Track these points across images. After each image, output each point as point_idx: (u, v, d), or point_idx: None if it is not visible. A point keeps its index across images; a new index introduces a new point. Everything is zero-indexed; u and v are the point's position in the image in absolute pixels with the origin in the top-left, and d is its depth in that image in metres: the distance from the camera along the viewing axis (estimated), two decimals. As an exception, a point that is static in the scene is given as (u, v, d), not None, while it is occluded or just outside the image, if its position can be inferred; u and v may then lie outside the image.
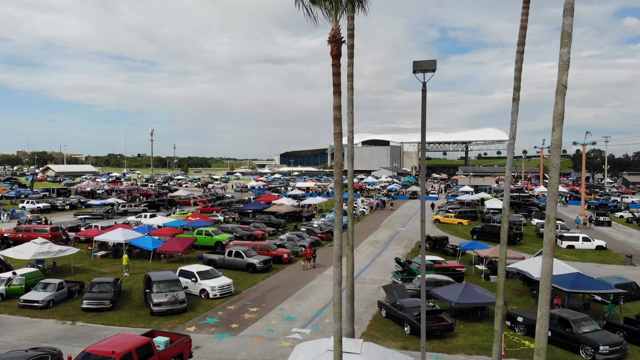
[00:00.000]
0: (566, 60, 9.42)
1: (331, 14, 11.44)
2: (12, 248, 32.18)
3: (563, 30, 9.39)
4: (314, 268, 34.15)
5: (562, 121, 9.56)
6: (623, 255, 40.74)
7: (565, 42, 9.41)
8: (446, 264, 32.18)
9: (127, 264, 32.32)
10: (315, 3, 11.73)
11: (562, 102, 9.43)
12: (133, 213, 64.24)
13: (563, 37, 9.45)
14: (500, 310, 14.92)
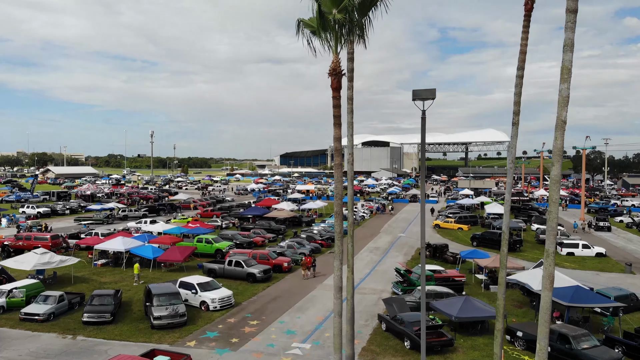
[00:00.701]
0: (566, 96, 9.44)
1: (331, 47, 11.48)
2: (13, 258, 32.20)
3: (563, 65, 9.42)
4: (314, 277, 34.20)
5: (561, 156, 9.60)
6: (623, 262, 40.80)
7: (564, 78, 9.43)
8: (446, 274, 32.21)
9: (138, 273, 32.74)
10: (316, 34, 11.77)
11: (562, 137, 9.47)
12: (133, 218, 64.35)
13: (563, 73, 9.47)
14: (500, 333, 14.96)
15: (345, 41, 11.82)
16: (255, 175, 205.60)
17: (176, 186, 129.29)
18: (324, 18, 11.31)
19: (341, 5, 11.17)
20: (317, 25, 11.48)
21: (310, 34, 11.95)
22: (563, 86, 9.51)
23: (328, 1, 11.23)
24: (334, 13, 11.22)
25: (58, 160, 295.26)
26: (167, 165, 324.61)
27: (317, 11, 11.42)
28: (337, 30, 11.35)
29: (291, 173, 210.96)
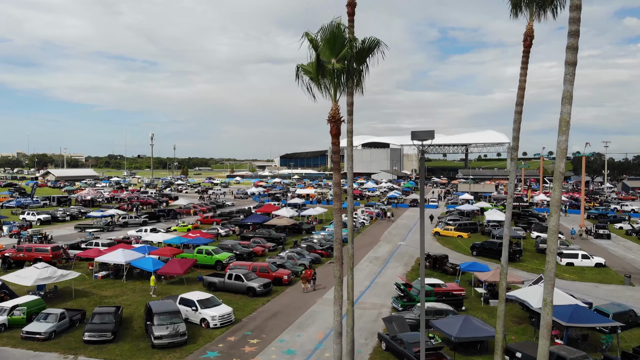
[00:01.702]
0: (564, 148, 9.53)
1: (330, 95, 11.56)
2: (14, 273, 32.24)
3: (561, 118, 9.49)
4: (314, 290, 34.28)
5: (559, 207, 9.67)
6: (622, 273, 40.89)
7: (563, 130, 9.50)
8: (446, 287, 32.28)
9: (155, 286, 33.17)
10: (314, 81, 11.84)
11: (559, 188, 9.55)
12: (133, 225, 64.45)
13: (561, 125, 9.55)
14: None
15: (345, 88, 11.88)
16: (256, 177, 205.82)
17: (176, 189, 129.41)
18: (322, 66, 11.40)
19: (340, 55, 11.26)
20: (316, 73, 11.56)
21: (309, 80, 12.03)
22: (561, 138, 9.59)
23: (327, 51, 11.32)
24: (332, 62, 11.30)
25: (58, 161, 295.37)
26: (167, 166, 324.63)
27: (315, 60, 11.50)
28: (335, 78, 11.43)
29: (291, 175, 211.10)
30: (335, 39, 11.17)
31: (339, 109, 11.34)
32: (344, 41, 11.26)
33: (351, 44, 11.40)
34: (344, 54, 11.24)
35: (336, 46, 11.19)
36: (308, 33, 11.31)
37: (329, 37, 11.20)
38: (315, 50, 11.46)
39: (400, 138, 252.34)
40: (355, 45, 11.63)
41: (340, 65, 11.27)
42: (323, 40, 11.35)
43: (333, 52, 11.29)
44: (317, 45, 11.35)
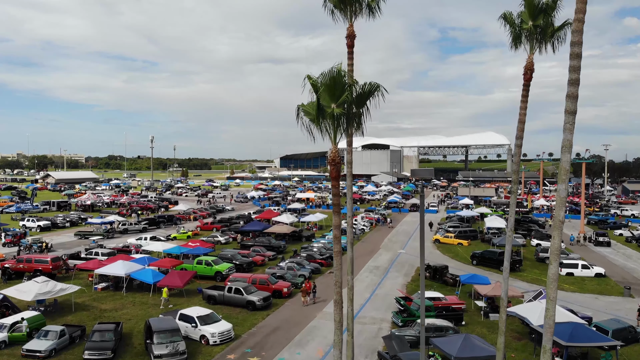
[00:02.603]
0: (563, 197, 9.54)
1: (330, 137, 11.59)
2: (14, 287, 32.22)
3: (561, 167, 9.50)
4: (314, 303, 34.28)
5: (558, 255, 9.69)
6: (622, 284, 40.91)
7: (562, 179, 9.52)
8: (446, 301, 32.28)
9: (167, 297, 33.49)
10: (313, 122, 11.86)
11: (559, 237, 9.56)
12: (133, 231, 64.51)
13: (561, 174, 9.56)
14: None
15: (345, 131, 11.92)
16: (256, 179, 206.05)
17: (176, 193, 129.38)
18: (322, 110, 11.42)
19: (339, 100, 11.28)
20: (316, 116, 11.58)
21: (309, 122, 12.04)
22: (561, 187, 9.61)
23: (326, 96, 11.34)
24: (332, 107, 11.32)
25: (58, 162, 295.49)
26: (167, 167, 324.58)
27: (315, 103, 11.52)
28: (335, 122, 11.46)
29: (291, 176, 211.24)
30: (335, 84, 11.21)
31: (338, 150, 11.35)
32: (344, 86, 11.29)
33: (351, 89, 11.43)
34: (344, 99, 11.26)
35: (336, 91, 11.24)
36: (310, 76, 11.35)
37: (329, 83, 11.24)
38: (316, 93, 11.48)
39: (401, 139, 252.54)
40: (355, 90, 11.67)
41: (340, 110, 11.30)
42: (323, 84, 11.38)
43: (333, 96, 11.32)
44: (318, 89, 11.38)
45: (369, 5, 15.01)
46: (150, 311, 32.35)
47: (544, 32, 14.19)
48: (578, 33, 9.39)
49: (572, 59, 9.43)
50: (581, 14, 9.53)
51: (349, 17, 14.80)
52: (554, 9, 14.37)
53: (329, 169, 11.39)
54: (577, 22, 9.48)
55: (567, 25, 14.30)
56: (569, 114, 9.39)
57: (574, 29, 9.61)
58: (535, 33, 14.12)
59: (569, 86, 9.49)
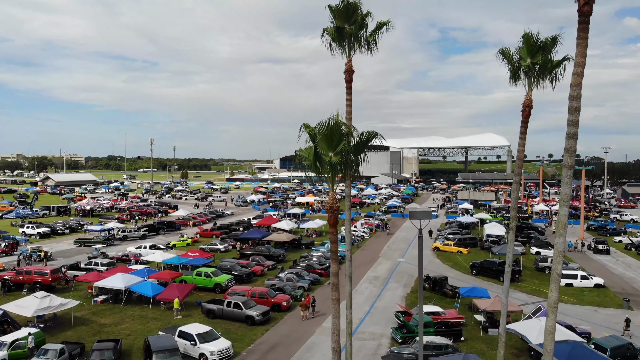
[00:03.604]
0: (561, 250, 9.57)
1: (328, 184, 11.62)
2: (14, 302, 32.19)
3: (559, 219, 9.53)
4: (313, 318, 34.29)
5: (556, 308, 9.72)
6: (621, 295, 40.96)
7: (560, 232, 9.54)
8: (445, 316, 32.30)
9: (179, 308, 34.07)
10: (311, 168, 11.89)
11: (557, 290, 9.59)
12: (133, 238, 64.56)
13: (559, 227, 9.58)
14: None
15: (343, 176, 11.97)
16: (256, 181, 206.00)
17: (175, 196, 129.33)
18: (320, 158, 11.44)
19: (337, 149, 11.30)
20: (314, 163, 11.60)
21: (308, 167, 12.07)
22: (559, 240, 9.64)
23: (324, 145, 11.37)
24: (330, 156, 11.34)
25: (58, 163, 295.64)
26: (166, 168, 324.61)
27: (313, 152, 11.54)
28: (333, 170, 11.48)
29: (291, 178, 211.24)
30: (333, 134, 11.24)
31: (337, 196, 11.38)
32: (342, 136, 11.32)
33: (348, 139, 11.46)
34: (341, 148, 11.29)
35: (334, 141, 11.26)
36: (307, 125, 11.38)
37: (327, 132, 11.27)
38: (313, 142, 11.50)
39: (400, 141, 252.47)
40: (353, 138, 11.70)
41: (338, 159, 11.33)
42: (321, 134, 11.40)
43: (331, 146, 11.35)
44: (315, 138, 11.40)
45: (368, 40, 15.05)
46: (149, 326, 32.37)
47: (543, 68, 14.20)
48: (577, 87, 9.38)
49: (570, 113, 9.42)
50: (580, 67, 9.52)
51: (347, 51, 14.85)
52: (553, 46, 14.38)
53: (327, 218, 11.41)
54: (575, 76, 9.47)
55: (567, 60, 14.32)
56: (567, 167, 9.41)
57: (573, 83, 9.59)
58: (534, 70, 14.14)
59: (567, 140, 9.48)
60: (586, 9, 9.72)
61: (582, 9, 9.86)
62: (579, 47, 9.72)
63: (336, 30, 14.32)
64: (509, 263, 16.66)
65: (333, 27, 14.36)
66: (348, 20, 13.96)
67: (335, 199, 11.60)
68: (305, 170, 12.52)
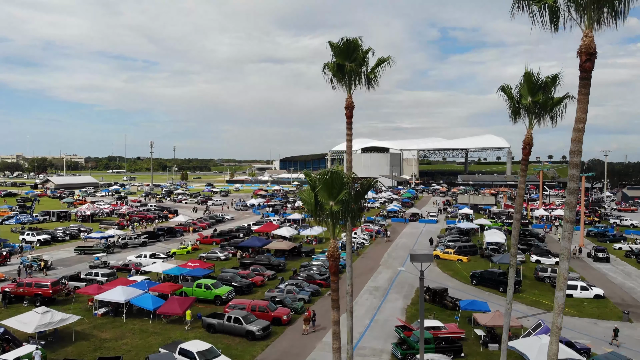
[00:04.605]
0: (561, 304, 9.61)
1: (329, 231, 11.66)
2: (15, 318, 32.20)
3: (559, 273, 9.56)
4: (313, 332, 34.33)
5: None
6: (621, 306, 40.99)
7: (560, 287, 9.58)
8: (445, 330, 32.35)
9: (191, 319, 34.63)
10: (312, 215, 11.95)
11: (556, 342, 9.64)
12: (133, 245, 64.62)
13: (559, 281, 9.62)
14: None
15: (344, 225, 12.02)
16: (256, 183, 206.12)
17: (176, 200, 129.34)
18: (321, 207, 11.50)
19: (337, 198, 11.35)
20: (315, 211, 11.66)
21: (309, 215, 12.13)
22: (559, 294, 9.68)
23: (325, 194, 11.41)
24: (331, 205, 11.40)
25: (58, 164, 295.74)
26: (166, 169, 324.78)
27: (313, 200, 11.60)
28: (333, 218, 11.55)
29: (291, 180, 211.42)
30: (334, 183, 11.30)
31: (338, 246, 11.43)
32: (342, 185, 11.38)
33: (349, 188, 11.51)
34: (342, 197, 11.35)
35: (334, 189, 11.31)
36: (307, 174, 11.44)
37: (328, 181, 11.33)
38: (313, 191, 11.55)
39: (400, 142, 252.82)
40: (353, 188, 11.75)
41: (338, 207, 11.40)
42: (321, 182, 11.46)
43: (331, 194, 11.40)
44: (316, 186, 11.46)
45: (368, 77, 15.09)
46: (150, 341, 32.41)
47: (544, 106, 14.22)
48: (578, 143, 9.40)
49: (571, 168, 9.44)
50: (581, 123, 9.54)
51: (347, 87, 14.88)
52: (553, 84, 14.41)
53: (328, 266, 11.46)
54: (576, 132, 9.49)
55: (567, 98, 14.35)
56: (567, 222, 9.45)
57: (574, 139, 9.62)
58: (534, 108, 14.16)
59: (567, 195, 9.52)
60: (588, 65, 9.74)
61: (583, 65, 9.88)
62: (580, 102, 9.73)
63: (337, 67, 14.41)
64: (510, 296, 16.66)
65: (333, 63, 14.45)
66: (349, 58, 14.06)
67: (337, 247, 11.67)
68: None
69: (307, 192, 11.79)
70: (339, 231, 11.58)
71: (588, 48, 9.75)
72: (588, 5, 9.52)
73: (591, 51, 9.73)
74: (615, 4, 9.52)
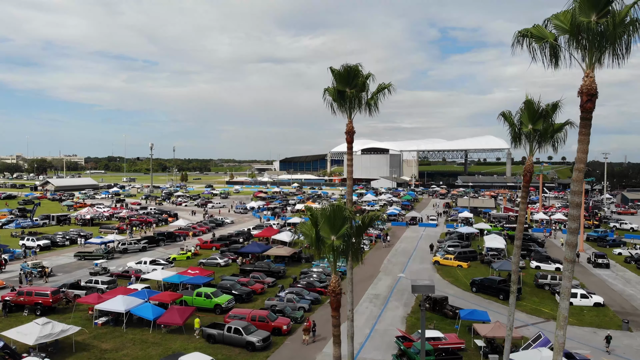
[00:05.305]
0: (562, 343, 9.64)
1: (331, 266, 11.67)
2: (15, 329, 32.21)
3: (559, 313, 9.59)
4: (313, 342, 34.35)
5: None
6: (620, 314, 41.02)
7: (561, 325, 9.61)
8: (446, 341, 32.38)
9: (200, 327, 34.90)
10: (313, 249, 11.96)
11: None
12: (133, 251, 64.65)
13: (559, 320, 9.65)
14: None
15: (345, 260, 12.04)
16: (255, 184, 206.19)
17: (176, 202, 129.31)
18: (322, 242, 11.52)
19: (339, 232, 11.38)
20: (316, 245, 11.68)
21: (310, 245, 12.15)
22: (559, 333, 9.70)
23: (326, 228, 11.43)
24: (332, 239, 11.43)
25: (57, 165, 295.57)
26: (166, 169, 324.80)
27: (314, 235, 11.62)
28: (335, 253, 11.56)
29: (291, 181, 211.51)
30: (335, 217, 11.34)
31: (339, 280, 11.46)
32: (344, 220, 11.41)
33: (350, 222, 11.54)
34: (343, 232, 11.38)
35: (336, 224, 11.34)
36: (309, 208, 11.47)
37: (330, 215, 11.35)
38: (315, 227, 11.59)
39: (400, 143, 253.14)
40: (355, 222, 11.77)
41: (340, 242, 11.42)
42: (323, 217, 11.49)
43: (333, 229, 11.43)
44: (317, 221, 11.49)
45: (368, 103, 15.12)
46: (150, 352, 32.41)
47: (544, 134, 14.25)
48: (578, 183, 9.42)
49: (572, 208, 9.47)
50: (582, 164, 9.56)
51: (348, 113, 14.90)
52: (554, 112, 14.43)
53: (329, 301, 11.48)
54: (577, 172, 9.50)
55: (568, 125, 14.39)
56: (568, 261, 9.47)
57: (574, 179, 9.63)
58: (535, 136, 14.19)
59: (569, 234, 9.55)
60: (589, 105, 9.76)
61: (584, 105, 9.90)
62: (581, 142, 9.76)
63: (337, 93, 14.43)
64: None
65: (334, 88, 14.48)
66: (349, 84, 14.10)
67: (338, 282, 11.69)
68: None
69: (308, 226, 11.81)
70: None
71: (589, 89, 9.77)
72: (590, 46, 9.54)
73: (592, 92, 9.74)
74: (617, 48, 9.52)
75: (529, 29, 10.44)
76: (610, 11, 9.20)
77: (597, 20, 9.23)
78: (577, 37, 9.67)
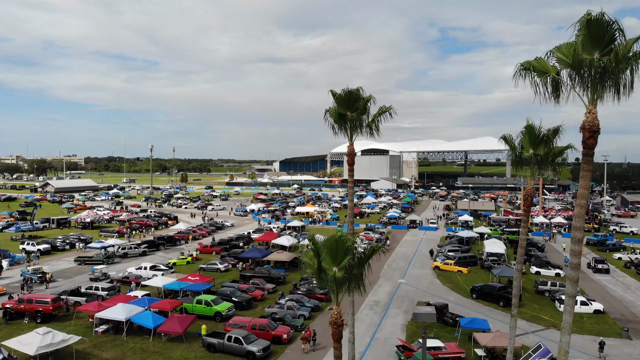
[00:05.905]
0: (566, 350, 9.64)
1: (333, 297, 11.71)
2: (16, 338, 32.18)
3: (560, 347, 9.61)
4: (313, 351, 34.36)
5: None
6: (620, 322, 41.02)
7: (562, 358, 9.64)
8: (446, 350, 32.40)
9: (206, 334, 35.20)
10: (315, 279, 11.93)
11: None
12: (133, 255, 64.64)
13: (560, 354, 9.66)
14: None
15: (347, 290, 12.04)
16: (255, 186, 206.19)
17: (175, 205, 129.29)
18: (324, 272, 11.53)
19: (341, 264, 11.39)
20: (318, 275, 11.69)
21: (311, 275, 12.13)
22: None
23: (328, 259, 11.44)
24: (334, 271, 11.44)
25: (57, 166, 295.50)
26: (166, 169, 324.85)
27: (317, 266, 11.63)
28: (336, 284, 11.57)
29: (291, 182, 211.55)
30: (338, 248, 11.34)
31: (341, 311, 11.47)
32: (346, 251, 11.42)
33: (353, 254, 11.55)
34: (345, 263, 11.39)
35: (338, 255, 11.37)
36: (312, 239, 11.47)
37: (332, 246, 11.37)
38: (317, 258, 11.60)
39: (400, 144, 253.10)
40: (357, 254, 11.77)
41: (342, 274, 11.43)
42: (325, 248, 11.52)
43: (335, 260, 11.45)
44: (320, 252, 11.51)
45: (369, 126, 15.14)
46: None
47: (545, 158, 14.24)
48: (580, 218, 9.45)
49: (573, 243, 9.50)
50: (583, 199, 9.60)
51: (349, 135, 14.93)
52: (555, 136, 14.45)
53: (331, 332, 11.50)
54: (578, 207, 9.53)
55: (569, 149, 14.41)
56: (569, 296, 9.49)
57: (576, 214, 9.66)
58: (535, 160, 14.19)
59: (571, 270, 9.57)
60: (591, 142, 9.79)
61: (586, 141, 9.93)
62: (583, 178, 9.79)
63: (338, 116, 14.47)
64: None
65: (335, 109, 14.51)
66: (350, 107, 14.12)
67: (340, 314, 11.71)
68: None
69: (310, 257, 11.83)
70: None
71: (591, 125, 9.80)
72: (593, 83, 9.55)
73: (594, 128, 9.76)
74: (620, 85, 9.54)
75: (531, 62, 10.45)
76: (613, 49, 9.21)
77: (599, 57, 9.24)
78: (580, 72, 9.68)
